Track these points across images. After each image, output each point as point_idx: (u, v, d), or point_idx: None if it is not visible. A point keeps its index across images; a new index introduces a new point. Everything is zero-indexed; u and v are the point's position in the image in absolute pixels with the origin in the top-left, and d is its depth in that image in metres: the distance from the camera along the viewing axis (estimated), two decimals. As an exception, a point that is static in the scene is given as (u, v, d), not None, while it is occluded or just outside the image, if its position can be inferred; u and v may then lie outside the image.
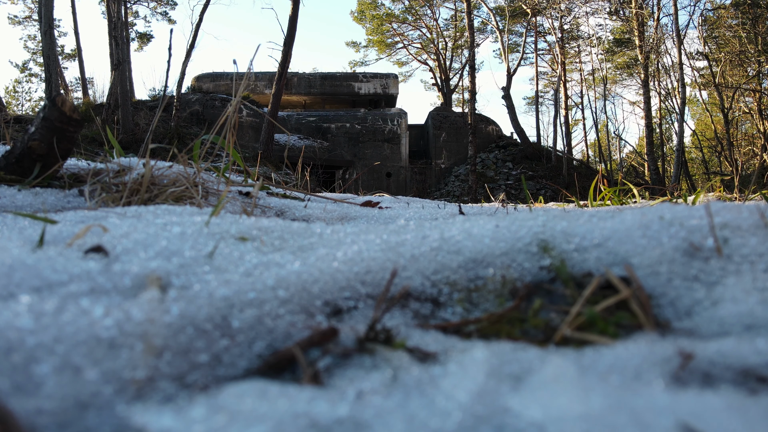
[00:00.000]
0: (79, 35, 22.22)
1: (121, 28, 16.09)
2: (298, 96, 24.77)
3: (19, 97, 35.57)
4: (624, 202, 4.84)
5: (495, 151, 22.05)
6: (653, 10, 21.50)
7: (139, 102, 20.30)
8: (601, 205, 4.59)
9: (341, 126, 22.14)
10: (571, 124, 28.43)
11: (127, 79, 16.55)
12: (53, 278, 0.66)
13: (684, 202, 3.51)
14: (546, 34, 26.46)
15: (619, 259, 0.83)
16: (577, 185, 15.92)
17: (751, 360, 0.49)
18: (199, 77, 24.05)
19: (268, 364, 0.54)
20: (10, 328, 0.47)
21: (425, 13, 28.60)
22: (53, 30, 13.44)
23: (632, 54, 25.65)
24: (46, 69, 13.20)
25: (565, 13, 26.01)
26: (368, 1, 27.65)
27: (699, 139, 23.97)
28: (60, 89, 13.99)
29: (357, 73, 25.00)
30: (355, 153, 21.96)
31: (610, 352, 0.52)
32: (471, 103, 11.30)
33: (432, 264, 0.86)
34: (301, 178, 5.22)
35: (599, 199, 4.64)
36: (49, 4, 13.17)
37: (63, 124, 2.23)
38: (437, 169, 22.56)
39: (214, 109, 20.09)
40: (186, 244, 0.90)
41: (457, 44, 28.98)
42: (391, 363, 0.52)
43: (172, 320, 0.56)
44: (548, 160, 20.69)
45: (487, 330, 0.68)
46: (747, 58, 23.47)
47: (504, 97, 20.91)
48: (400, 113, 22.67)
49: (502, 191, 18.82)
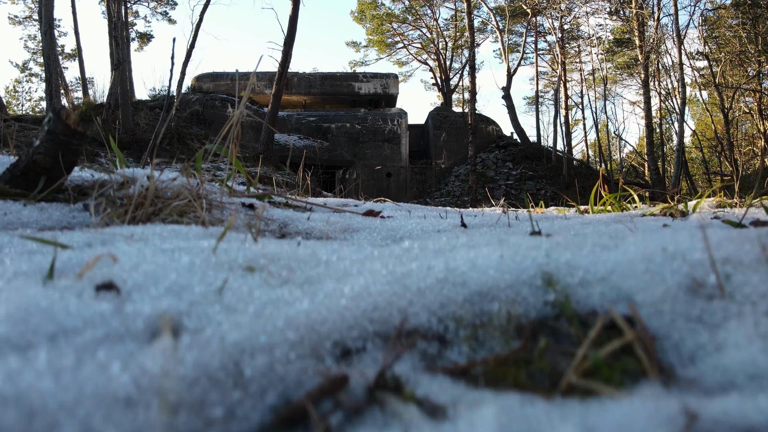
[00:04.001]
0: (80, 35, 22.22)
1: (121, 28, 16.07)
2: (299, 96, 24.78)
3: (20, 96, 35.55)
4: (625, 208, 4.85)
5: (495, 151, 22.06)
6: (653, 10, 21.50)
7: (140, 102, 20.30)
8: (601, 211, 4.60)
9: (341, 126, 22.15)
10: (571, 123, 28.44)
11: (127, 79, 16.55)
12: (68, 324, 0.67)
13: (684, 208, 3.51)
14: (546, 33, 26.46)
15: (623, 294, 0.85)
16: (576, 186, 16.05)
17: (754, 419, 0.50)
18: (200, 77, 24.05)
19: (281, 418, 0.55)
20: (33, 390, 0.48)
21: (425, 13, 28.60)
22: (53, 30, 13.44)
23: (632, 54, 25.65)
24: (46, 69, 13.20)
25: (565, 13, 26.01)
26: (368, 1, 27.64)
27: (699, 139, 23.97)
28: (60, 89, 13.98)
29: (357, 73, 25.00)
30: (355, 153, 21.97)
31: (615, 407, 0.54)
32: (471, 103, 11.30)
33: (438, 298, 0.87)
34: (302, 182, 5.24)
35: (600, 204, 4.65)
36: (49, 4, 13.17)
37: (68, 137, 2.24)
38: (437, 169, 22.58)
39: (214, 109, 20.09)
40: (195, 277, 0.92)
41: (457, 44, 28.98)
42: (402, 419, 0.54)
43: (186, 371, 0.57)
44: (548, 160, 20.71)
45: (494, 372, 0.69)
46: (747, 58, 23.47)
47: (504, 97, 20.91)
48: (400, 113, 22.68)
49: (503, 191, 18.81)
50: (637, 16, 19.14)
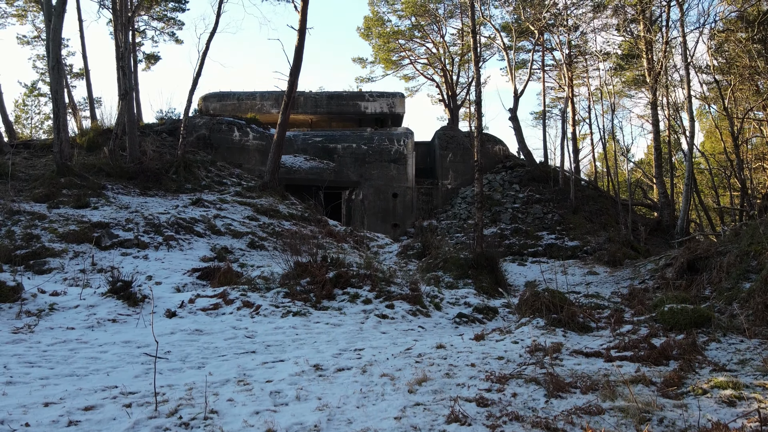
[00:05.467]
0: (87, 58, 22.35)
1: (129, 58, 16.14)
2: (305, 115, 24.78)
3: (29, 110, 35.93)
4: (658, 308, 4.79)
5: (502, 172, 21.95)
6: (661, 26, 21.32)
7: (147, 126, 20.37)
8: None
9: (348, 146, 22.13)
10: (578, 138, 28.27)
11: (134, 107, 16.61)
12: None
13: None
14: (553, 49, 26.31)
15: None
16: (584, 210, 15.85)
17: None
18: (206, 97, 24.11)
19: None
20: None
21: (432, 29, 28.53)
22: (61, 66, 13.51)
23: (640, 70, 25.45)
24: (54, 104, 13.27)
25: (572, 29, 25.87)
26: (375, 18, 27.60)
27: (708, 162, 23.74)
28: (67, 125, 14.03)
29: (363, 92, 24.97)
30: (361, 174, 21.94)
31: None
32: (476, 137, 11.27)
33: None
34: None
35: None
36: (57, 40, 13.24)
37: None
38: (444, 189, 22.50)
39: (220, 133, 20.11)
40: None
41: (464, 60, 28.89)
42: None
43: None
44: (555, 182, 20.57)
45: None
46: (757, 73, 23.19)
47: (511, 119, 20.81)
48: (407, 133, 22.63)
49: (509, 215, 18.65)
50: (646, 42, 18.98)
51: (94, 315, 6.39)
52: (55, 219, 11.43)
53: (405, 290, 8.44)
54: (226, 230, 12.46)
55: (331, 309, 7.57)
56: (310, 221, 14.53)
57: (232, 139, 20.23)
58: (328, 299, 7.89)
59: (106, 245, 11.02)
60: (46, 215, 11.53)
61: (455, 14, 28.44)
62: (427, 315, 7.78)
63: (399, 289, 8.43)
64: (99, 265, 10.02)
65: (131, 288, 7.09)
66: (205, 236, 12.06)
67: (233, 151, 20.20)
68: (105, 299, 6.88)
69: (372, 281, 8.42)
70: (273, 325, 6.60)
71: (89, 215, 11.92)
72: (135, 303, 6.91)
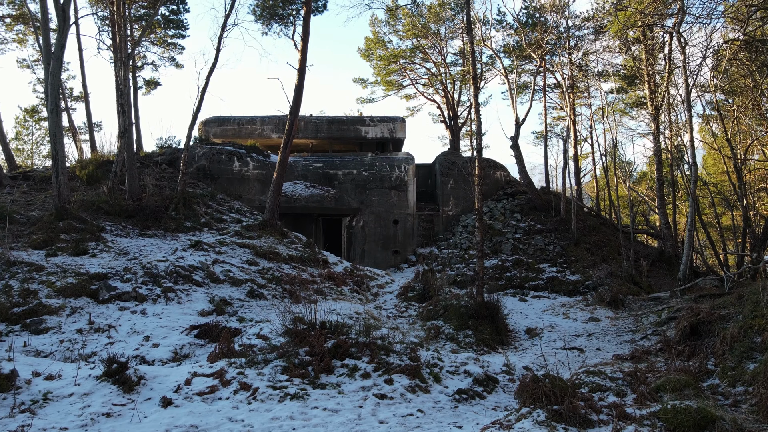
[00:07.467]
0: (87, 86, 22.32)
1: (128, 95, 16.08)
2: (305, 139, 24.73)
3: (30, 127, 35.97)
4: None
5: (503, 200, 21.84)
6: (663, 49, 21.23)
7: (147, 156, 20.32)
8: None
9: (348, 173, 22.06)
10: (580, 157, 28.17)
11: (133, 144, 16.54)
12: None
13: None
14: (554, 71, 26.21)
15: None
16: (585, 242, 15.66)
17: None
18: (206, 121, 24.07)
19: None
20: None
21: (434, 50, 28.45)
22: (59, 109, 13.45)
23: (642, 92, 25.35)
24: (52, 148, 13.21)
25: (574, 49, 25.78)
26: (376, 39, 27.53)
27: (710, 190, 23.61)
28: (66, 170, 13.99)
29: (364, 117, 24.90)
30: (362, 200, 21.86)
31: None
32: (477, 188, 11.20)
33: None
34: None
35: None
36: (56, 84, 13.19)
37: None
38: (445, 216, 22.41)
39: (220, 164, 20.05)
40: None
41: (465, 80, 28.81)
42: None
43: None
44: (557, 211, 20.45)
45: None
46: (762, 94, 23.06)
47: (512, 147, 20.71)
48: (407, 159, 22.55)
49: (510, 245, 18.51)
50: (648, 74, 18.88)
51: (88, 407, 6.31)
52: (53, 271, 11.35)
53: (404, 360, 8.35)
54: (225, 277, 12.38)
55: (330, 387, 7.48)
56: (309, 262, 14.44)
57: (232, 169, 20.16)
58: (326, 373, 7.81)
59: (104, 298, 10.95)
60: (44, 266, 11.45)
61: (456, 35, 28.40)
62: (427, 391, 7.69)
63: (398, 359, 8.35)
64: (96, 323, 9.93)
65: (127, 370, 7.01)
66: (203, 285, 11.98)
67: (233, 181, 20.13)
68: (100, 384, 6.81)
69: (371, 351, 8.34)
70: (270, 414, 6.52)
71: (87, 265, 11.84)
72: (131, 388, 6.82)
